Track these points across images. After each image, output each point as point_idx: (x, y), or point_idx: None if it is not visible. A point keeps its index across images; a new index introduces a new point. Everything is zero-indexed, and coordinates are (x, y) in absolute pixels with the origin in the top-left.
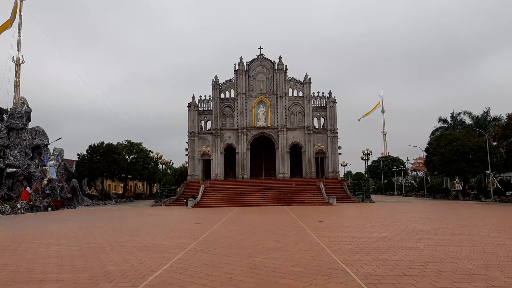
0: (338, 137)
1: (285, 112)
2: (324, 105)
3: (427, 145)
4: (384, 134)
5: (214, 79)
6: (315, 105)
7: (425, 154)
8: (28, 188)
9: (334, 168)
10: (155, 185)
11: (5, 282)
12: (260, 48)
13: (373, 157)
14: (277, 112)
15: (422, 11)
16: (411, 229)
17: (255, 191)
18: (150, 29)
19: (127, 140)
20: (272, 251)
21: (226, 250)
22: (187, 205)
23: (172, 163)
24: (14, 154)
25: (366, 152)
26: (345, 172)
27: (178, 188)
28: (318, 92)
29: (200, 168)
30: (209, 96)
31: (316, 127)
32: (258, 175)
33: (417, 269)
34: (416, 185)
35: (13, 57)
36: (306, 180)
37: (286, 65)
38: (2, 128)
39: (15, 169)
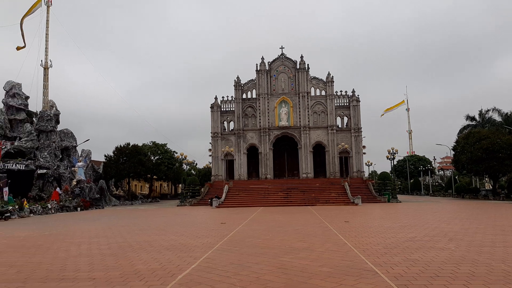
0: (363, 136)
1: (308, 111)
2: (347, 103)
3: (455, 144)
4: (410, 133)
5: (236, 79)
6: (338, 104)
7: (453, 152)
8: (58, 189)
9: (358, 168)
10: (180, 185)
11: (39, 280)
12: (282, 48)
13: (399, 156)
14: (299, 111)
15: (441, 6)
16: (440, 230)
17: (278, 191)
18: (168, 33)
19: (152, 141)
20: (299, 251)
21: (253, 249)
22: (211, 205)
23: (196, 164)
24: (44, 156)
25: (391, 151)
26: (370, 172)
27: (202, 188)
28: (341, 91)
29: (223, 168)
30: (231, 96)
31: (340, 126)
32: (281, 175)
33: (449, 270)
34: (443, 185)
35: (41, 61)
36: (330, 180)
37: (308, 64)
38: (33, 131)
39: (45, 171)
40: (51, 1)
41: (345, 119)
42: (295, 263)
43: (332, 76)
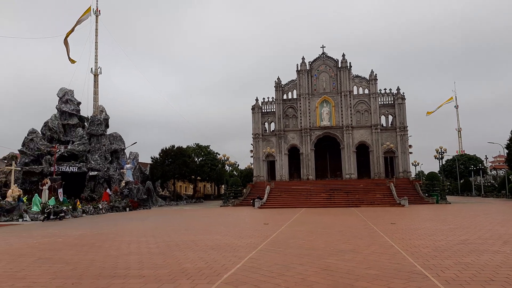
0: (409, 135)
1: (350, 110)
2: (392, 102)
3: (509, 142)
4: (459, 131)
5: (276, 80)
6: (382, 103)
7: (506, 151)
8: (108, 190)
9: (405, 168)
10: (223, 186)
11: (93, 277)
12: (323, 47)
13: (448, 156)
14: (341, 111)
15: None
16: (494, 232)
17: (321, 192)
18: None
19: (195, 143)
20: (344, 253)
21: (297, 250)
22: (253, 205)
23: (238, 165)
24: (95, 159)
25: (440, 151)
26: (417, 172)
27: (244, 189)
28: (384, 89)
29: (265, 169)
30: (272, 98)
31: (384, 125)
32: (323, 176)
33: (505, 275)
34: (496, 185)
35: (91, 68)
36: (374, 180)
37: (350, 63)
38: (84, 135)
39: (96, 172)
40: (99, 10)
41: (390, 117)
42: (341, 265)
43: (376, 74)
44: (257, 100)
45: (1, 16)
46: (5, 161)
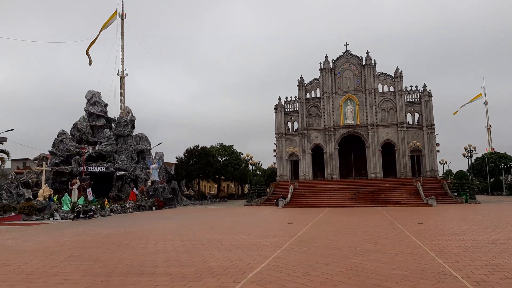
0: (436, 133)
1: (375, 108)
2: (418, 99)
3: None
4: (488, 129)
5: (299, 79)
6: (407, 100)
7: None
8: (135, 189)
9: (432, 167)
10: (246, 185)
11: (121, 274)
12: (346, 45)
13: (477, 154)
14: (366, 109)
15: None
16: None
17: (345, 191)
18: (226, 38)
19: (219, 143)
20: (370, 253)
21: (322, 250)
22: (277, 205)
23: (261, 164)
24: (122, 159)
25: (468, 149)
26: (444, 171)
27: (268, 189)
28: (410, 86)
29: (288, 168)
30: (295, 97)
31: (410, 123)
32: (347, 175)
33: None
34: None
35: (117, 70)
36: (400, 180)
37: (374, 60)
38: (111, 136)
39: (123, 172)
40: (125, 14)
41: (416, 115)
42: (367, 265)
43: (401, 71)
44: (280, 99)
45: (32, 20)
46: (36, 161)
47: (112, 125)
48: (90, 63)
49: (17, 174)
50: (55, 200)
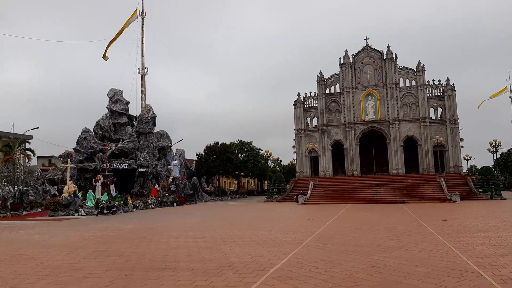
0: (460, 128)
1: (397, 103)
2: (441, 93)
3: None
4: None
5: (318, 75)
6: (430, 95)
7: None
8: (156, 186)
9: (456, 163)
10: (266, 182)
11: (144, 269)
12: (366, 39)
13: (502, 149)
14: (387, 104)
15: None
16: None
17: (366, 188)
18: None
19: (238, 140)
20: (392, 249)
21: (342, 247)
22: (297, 201)
23: (280, 161)
24: (143, 156)
25: (494, 144)
26: (469, 167)
27: (288, 185)
28: (433, 80)
29: (308, 165)
30: (314, 92)
31: (433, 118)
32: (368, 171)
33: None
34: None
35: (138, 68)
36: (423, 176)
37: (395, 54)
38: (133, 133)
39: (145, 169)
40: (145, 12)
41: (439, 110)
42: (389, 262)
43: (423, 65)
44: (299, 95)
45: (53, 21)
46: (61, 159)
47: (134, 122)
48: (105, 58)
49: (43, 171)
50: (80, 196)
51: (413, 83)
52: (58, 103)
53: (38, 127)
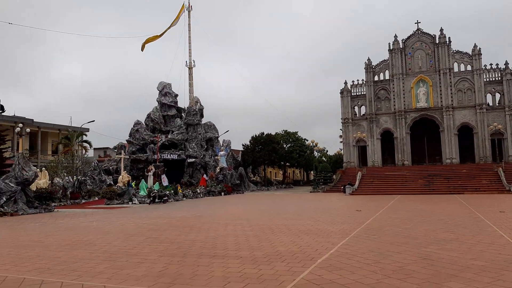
0: None
1: (451, 89)
2: (499, 78)
3: None
4: None
5: (366, 61)
6: (487, 80)
7: None
8: (204, 176)
9: None
10: (312, 172)
11: (195, 256)
12: (417, 23)
13: None
14: (440, 90)
15: None
16: None
17: (418, 178)
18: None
19: (284, 130)
20: (446, 242)
21: (393, 238)
22: (344, 192)
23: (327, 151)
24: (192, 147)
25: None
26: None
27: (334, 175)
28: (490, 64)
29: (355, 154)
30: (362, 80)
31: (490, 104)
32: (420, 161)
33: None
34: None
35: (186, 61)
36: (479, 165)
37: (449, 38)
38: (182, 125)
39: (194, 159)
40: (191, 6)
41: (497, 96)
42: (442, 255)
43: (479, 48)
44: (346, 83)
45: (104, 17)
46: (115, 150)
47: (182, 114)
48: (142, 49)
49: (99, 161)
50: (133, 185)
51: (469, 67)
52: (110, 97)
53: (94, 120)
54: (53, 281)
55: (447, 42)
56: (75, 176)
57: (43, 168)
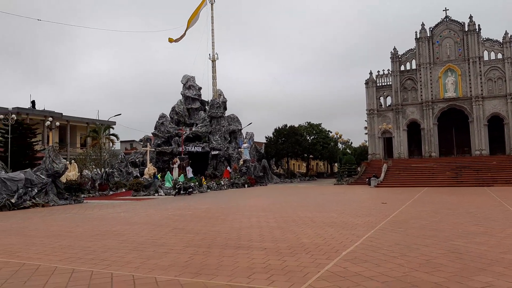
0: None
1: (480, 79)
2: None
3: None
4: None
5: (392, 51)
6: None
7: None
8: (228, 168)
9: None
10: (336, 164)
11: (220, 247)
12: (445, 10)
13: None
14: (469, 80)
15: None
16: None
17: (445, 170)
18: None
19: (307, 122)
20: (475, 235)
21: (419, 231)
22: (369, 184)
23: (351, 143)
24: (216, 139)
25: None
26: None
27: (359, 168)
28: None
29: (380, 146)
30: (388, 70)
31: None
32: (448, 152)
33: None
34: None
35: (209, 54)
36: (510, 157)
37: (478, 25)
38: (206, 117)
39: (217, 152)
40: None
41: None
42: (471, 248)
43: (511, 36)
44: (371, 73)
45: (126, 12)
46: (141, 143)
47: (206, 107)
48: (171, 41)
49: (126, 154)
50: (159, 177)
51: (499, 56)
52: (136, 90)
53: (120, 114)
54: (84, 270)
55: (477, 30)
56: (103, 168)
57: (73, 160)
